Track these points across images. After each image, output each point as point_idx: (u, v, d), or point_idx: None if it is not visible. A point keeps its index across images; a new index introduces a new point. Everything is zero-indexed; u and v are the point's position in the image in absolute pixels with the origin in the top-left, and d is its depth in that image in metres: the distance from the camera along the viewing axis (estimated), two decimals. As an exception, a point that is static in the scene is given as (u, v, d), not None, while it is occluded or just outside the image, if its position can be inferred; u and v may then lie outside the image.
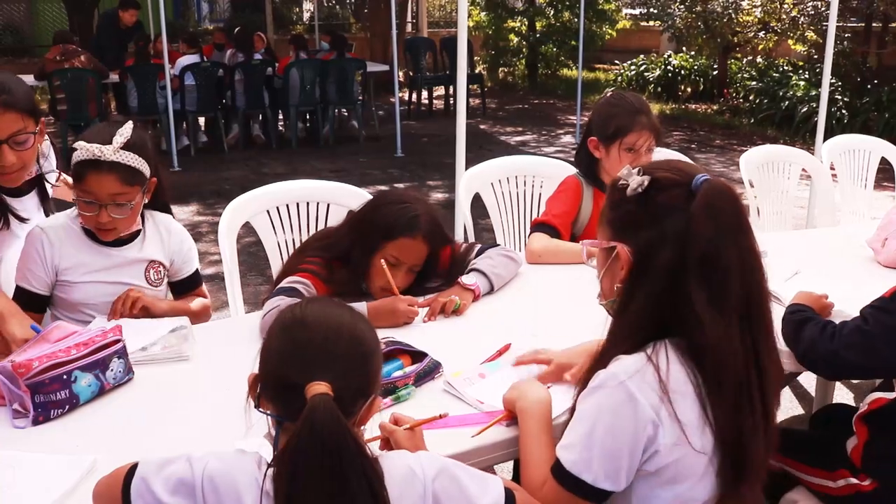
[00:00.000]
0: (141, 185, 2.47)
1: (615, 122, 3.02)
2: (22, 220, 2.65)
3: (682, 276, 1.58)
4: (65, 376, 1.99)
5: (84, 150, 2.37)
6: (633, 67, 15.71)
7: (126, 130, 2.42)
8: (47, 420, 1.96)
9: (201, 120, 10.93)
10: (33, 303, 2.52)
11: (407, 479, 1.47)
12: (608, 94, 3.15)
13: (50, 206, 2.77)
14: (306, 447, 1.35)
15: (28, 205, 2.69)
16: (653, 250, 1.62)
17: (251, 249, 5.50)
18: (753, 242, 1.65)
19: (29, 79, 9.54)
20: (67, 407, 2.00)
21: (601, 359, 1.68)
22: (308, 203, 3.29)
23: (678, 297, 1.59)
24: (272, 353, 1.48)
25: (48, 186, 2.76)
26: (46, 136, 2.68)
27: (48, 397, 1.96)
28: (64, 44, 10.13)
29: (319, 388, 1.39)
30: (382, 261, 2.47)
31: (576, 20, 14.41)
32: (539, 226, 3.11)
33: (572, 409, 1.71)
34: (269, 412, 1.48)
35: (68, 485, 1.69)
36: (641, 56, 16.09)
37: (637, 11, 18.35)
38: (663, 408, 1.58)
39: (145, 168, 2.46)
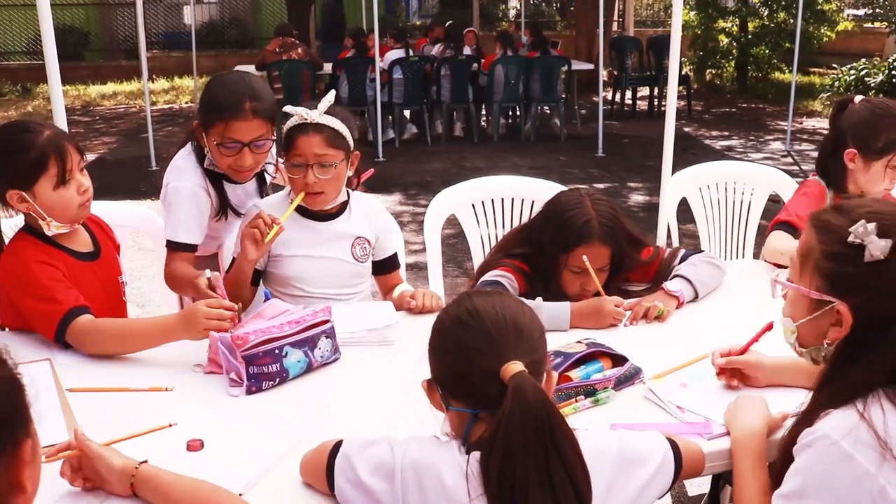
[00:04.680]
0: (345, 151, 2.57)
1: (885, 137, 2.79)
2: (239, 214, 2.81)
3: None
4: (277, 350, 2.10)
5: (293, 114, 2.54)
6: (852, 72, 14.78)
7: (329, 97, 2.57)
8: (259, 391, 2.08)
9: (407, 112, 11.22)
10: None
11: (598, 455, 1.51)
12: (861, 101, 2.90)
13: (266, 190, 2.93)
14: (519, 425, 1.39)
15: (248, 188, 2.85)
16: (887, 321, 1.50)
17: (450, 241, 5.60)
18: None
19: (250, 69, 10.13)
20: (278, 380, 2.11)
21: (809, 415, 1.57)
22: (513, 199, 3.31)
23: None
24: (454, 347, 1.51)
25: (266, 176, 2.92)
26: None
27: (261, 369, 2.08)
28: (283, 36, 10.72)
29: (516, 367, 1.43)
30: (585, 257, 2.44)
31: (792, 21, 13.74)
32: (781, 224, 2.95)
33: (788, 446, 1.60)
34: (461, 408, 1.51)
35: (277, 454, 1.77)
36: (863, 60, 15.12)
37: (861, 12, 17.30)
38: (886, 464, 1.45)
39: (348, 136, 2.58)
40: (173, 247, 2.67)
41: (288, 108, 2.56)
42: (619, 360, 2.11)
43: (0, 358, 1.21)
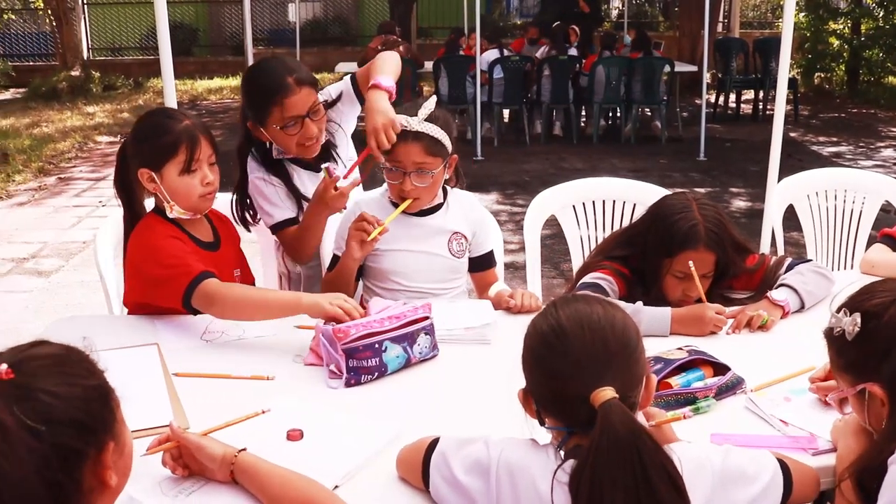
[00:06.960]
0: (443, 158, 2.58)
1: None
2: (307, 200, 2.84)
3: None
4: (376, 345, 2.13)
5: None
6: (973, 76, 14.15)
7: (430, 104, 2.57)
8: (357, 384, 2.11)
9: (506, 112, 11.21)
10: None
11: (697, 467, 1.48)
12: None
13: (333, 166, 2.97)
14: (607, 453, 1.37)
15: (309, 176, 2.89)
16: None
17: (546, 242, 5.55)
18: None
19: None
20: (376, 374, 2.13)
21: (876, 455, 1.60)
22: (614, 201, 3.28)
23: None
24: (543, 371, 1.50)
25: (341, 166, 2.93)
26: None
27: (360, 363, 2.10)
28: (386, 34, 10.83)
29: (606, 393, 1.41)
30: (691, 263, 2.40)
31: (909, 23, 13.20)
32: (885, 238, 2.88)
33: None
34: (554, 427, 1.51)
35: (375, 447, 1.79)
36: None
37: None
38: None
39: (447, 142, 2.58)
40: (277, 227, 2.82)
41: None
42: (720, 368, 2.07)
43: (88, 368, 1.26)
